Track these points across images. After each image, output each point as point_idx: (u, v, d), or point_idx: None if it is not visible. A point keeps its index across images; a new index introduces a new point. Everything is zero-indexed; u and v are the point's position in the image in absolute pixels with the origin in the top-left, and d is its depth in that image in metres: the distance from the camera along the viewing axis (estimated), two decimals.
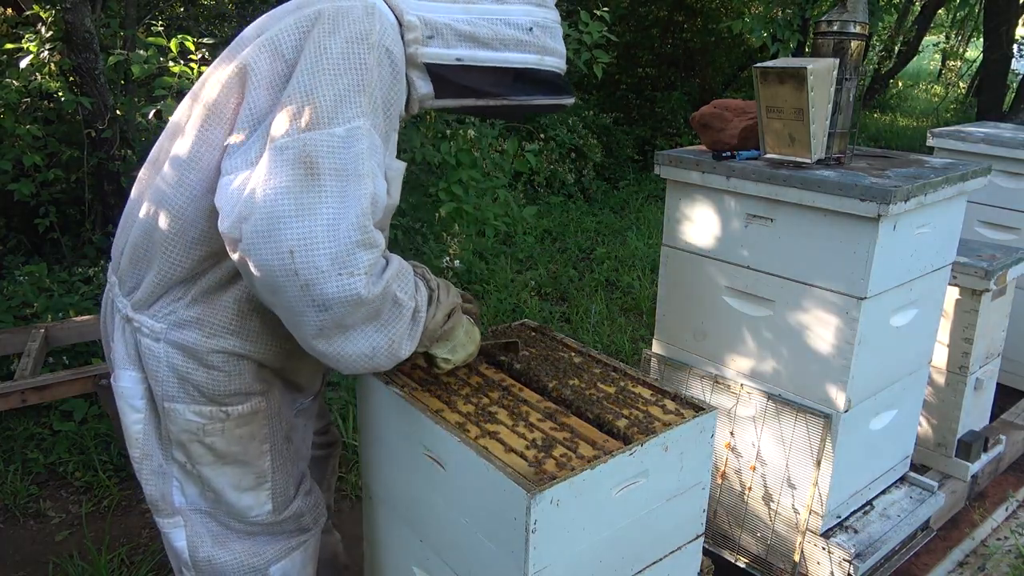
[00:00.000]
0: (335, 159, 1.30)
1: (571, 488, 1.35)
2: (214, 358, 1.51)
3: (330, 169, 1.29)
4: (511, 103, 1.58)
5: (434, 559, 1.63)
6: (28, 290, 3.68)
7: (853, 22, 2.17)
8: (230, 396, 1.54)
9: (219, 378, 1.52)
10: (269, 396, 1.61)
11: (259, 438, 1.60)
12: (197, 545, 1.64)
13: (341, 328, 1.33)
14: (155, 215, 1.49)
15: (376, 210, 1.34)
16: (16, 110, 3.95)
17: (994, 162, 3.14)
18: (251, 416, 1.58)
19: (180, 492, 1.62)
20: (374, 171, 1.35)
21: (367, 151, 1.34)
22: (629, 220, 6.59)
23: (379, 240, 1.33)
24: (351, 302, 1.29)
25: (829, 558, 2.29)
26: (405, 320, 1.41)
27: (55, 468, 3.12)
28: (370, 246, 1.30)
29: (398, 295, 1.38)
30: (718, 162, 2.27)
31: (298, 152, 1.28)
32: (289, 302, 1.30)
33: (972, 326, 2.80)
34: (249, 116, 1.39)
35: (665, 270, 2.51)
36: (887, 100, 13.26)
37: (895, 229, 2.07)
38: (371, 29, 1.39)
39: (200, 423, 1.53)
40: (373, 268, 1.31)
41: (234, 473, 1.60)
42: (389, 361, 1.42)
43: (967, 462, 2.89)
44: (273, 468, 1.64)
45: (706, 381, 2.44)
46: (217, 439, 1.55)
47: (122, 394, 1.58)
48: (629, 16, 8.84)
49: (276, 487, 1.65)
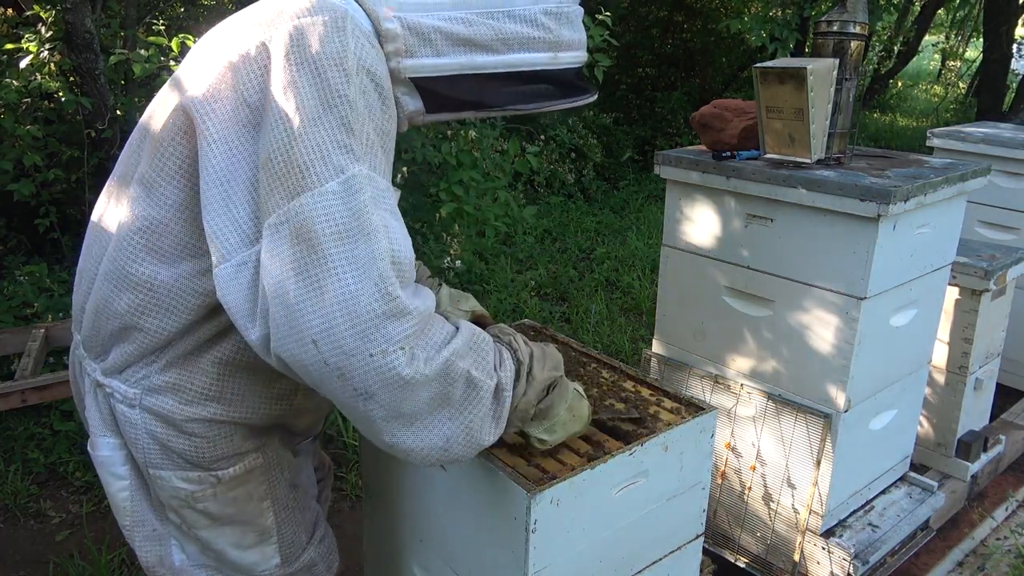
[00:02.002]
0: (333, 222, 1.08)
1: (571, 488, 1.34)
2: (193, 426, 1.34)
3: (331, 235, 1.08)
4: (520, 111, 1.38)
5: (434, 559, 1.63)
6: (28, 290, 3.68)
7: (853, 22, 2.17)
8: (218, 460, 1.38)
9: (201, 445, 1.36)
10: (265, 450, 1.45)
11: (257, 496, 1.45)
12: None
13: (401, 418, 1.13)
14: (119, 280, 1.29)
15: (402, 268, 1.12)
16: (16, 110, 3.95)
17: (994, 162, 3.14)
18: (245, 476, 1.42)
19: (180, 550, 1.48)
20: (387, 222, 1.13)
21: (371, 201, 1.11)
22: (629, 220, 6.59)
23: (413, 306, 1.10)
24: (395, 384, 1.09)
25: (829, 558, 2.29)
26: (485, 403, 1.19)
27: (55, 468, 3.12)
28: (401, 315, 1.08)
29: (472, 373, 1.16)
30: (718, 162, 2.27)
31: (292, 226, 1.08)
32: (337, 397, 1.12)
33: (972, 326, 2.80)
34: (217, 180, 1.16)
35: (665, 270, 2.51)
36: (887, 100, 13.25)
37: (895, 229, 2.07)
38: (344, 50, 1.14)
39: (189, 490, 1.38)
40: (413, 341, 1.10)
41: (233, 533, 1.45)
42: (469, 451, 1.20)
43: (967, 462, 2.89)
44: (278, 522, 1.50)
45: (706, 381, 2.44)
46: (210, 503, 1.40)
47: (103, 463, 1.42)
48: (629, 16, 8.84)
49: (283, 539, 1.51)
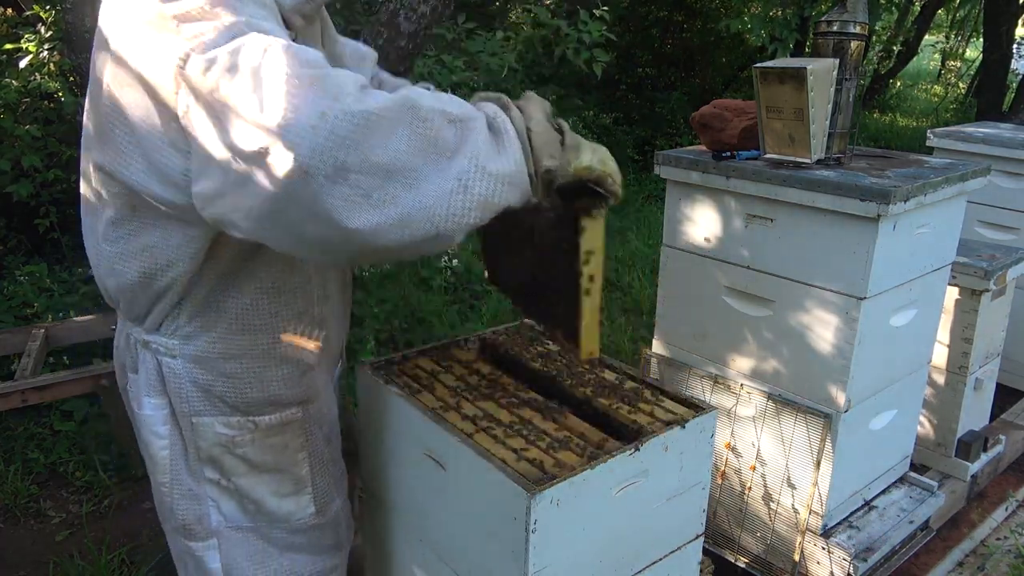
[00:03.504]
0: (229, 40, 1.07)
1: (571, 488, 1.35)
2: (230, 366, 1.43)
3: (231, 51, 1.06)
4: None
5: (434, 559, 1.63)
6: (28, 290, 3.68)
7: (853, 22, 2.17)
8: (257, 406, 1.46)
9: (239, 385, 1.44)
10: (306, 407, 1.53)
11: (293, 447, 1.52)
12: (232, 567, 1.56)
13: (393, 175, 1.04)
14: (96, 257, 1.41)
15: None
16: (16, 110, 3.94)
17: (994, 162, 3.14)
18: (282, 427, 1.50)
19: (217, 511, 1.53)
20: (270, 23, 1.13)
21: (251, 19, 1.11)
22: (629, 220, 6.58)
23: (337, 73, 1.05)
24: (358, 124, 1.01)
25: (829, 558, 2.29)
26: (481, 133, 1.10)
27: (55, 468, 3.12)
28: (321, 65, 1.04)
29: (450, 110, 1.08)
30: (718, 162, 2.27)
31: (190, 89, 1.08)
32: (320, 199, 1.04)
33: (972, 326, 2.80)
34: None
35: (665, 270, 2.51)
36: (887, 100, 13.25)
37: (895, 229, 2.07)
38: None
39: (229, 435, 1.46)
40: (361, 90, 1.04)
41: (272, 480, 1.52)
42: (491, 188, 1.09)
43: (967, 462, 2.89)
44: (312, 474, 1.56)
45: (706, 381, 2.44)
46: (248, 449, 1.48)
47: (145, 422, 1.51)
48: (629, 16, 8.84)
49: (317, 490, 1.58)
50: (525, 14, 6.09)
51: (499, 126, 1.14)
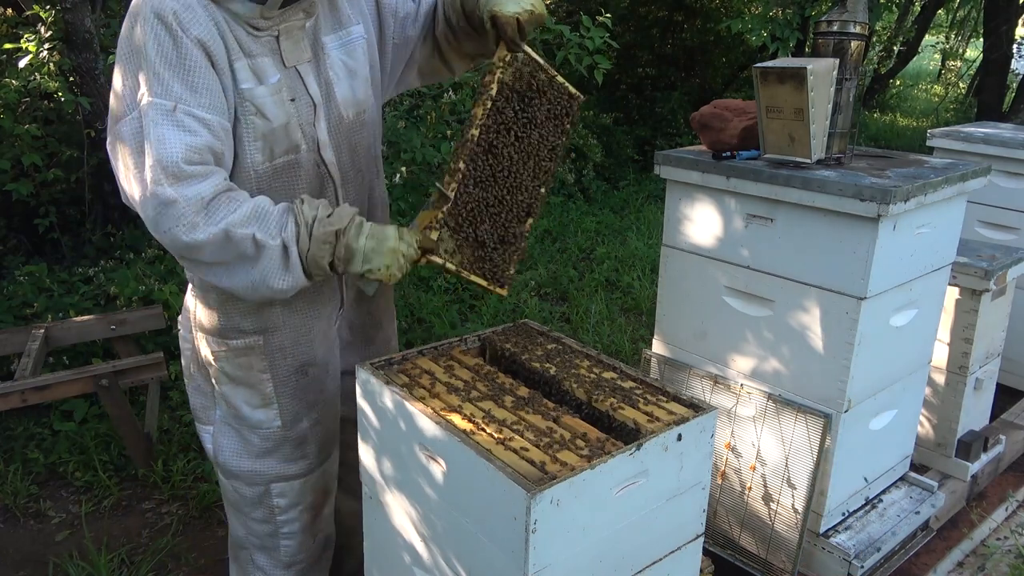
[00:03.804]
0: (131, 140, 1.55)
1: (571, 488, 1.35)
2: (207, 298, 1.84)
3: (129, 152, 1.56)
4: None
5: (434, 559, 1.63)
6: (28, 290, 3.68)
7: (853, 22, 2.17)
8: (226, 331, 1.84)
9: (212, 315, 1.84)
10: (267, 336, 1.86)
11: (257, 368, 1.87)
12: (217, 451, 1.98)
13: (214, 267, 1.61)
14: None
15: (170, 169, 1.51)
16: (16, 110, 3.95)
17: (994, 162, 3.15)
18: (246, 350, 1.85)
19: (218, 408, 1.95)
20: (162, 135, 1.52)
21: (152, 123, 1.52)
22: (629, 220, 6.59)
23: (181, 195, 1.51)
24: (185, 247, 1.55)
25: (829, 558, 2.29)
26: (274, 257, 1.60)
27: (55, 468, 3.12)
28: (169, 204, 1.51)
29: (257, 236, 1.57)
30: (718, 162, 2.27)
31: (115, 141, 1.59)
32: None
33: (972, 326, 2.80)
34: None
35: (665, 270, 2.51)
36: (887, 100, 13.25)
37: (895, 229, 2.07)
38: (139, 11, 1.55)
39: (213, 349, 1.87)
40: (192, 217, 1.52)
41: (244, 393, 1.90)
42: (272, 293, 1.64)
43: (967, 462, 2.89)
44: (277, 393, 1.90)
45: (706, 381, 2.44)
46: (224, 364, 1.87)
47: (180, 331, 2.00)
48: (629, 16, 8.84)
49: (283, 408, 1.91)
50: None
51: (289, 253, 1.61)
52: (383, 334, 2.16)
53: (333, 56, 1.79)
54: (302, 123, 1.73)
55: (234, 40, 1.62)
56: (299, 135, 1.73)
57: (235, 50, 1.62)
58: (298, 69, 1.73)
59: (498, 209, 1.82)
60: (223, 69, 1.60)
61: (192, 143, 1.54)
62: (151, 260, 3.97)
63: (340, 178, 1.85)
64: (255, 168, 1.69)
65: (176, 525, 2.82)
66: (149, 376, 3.06)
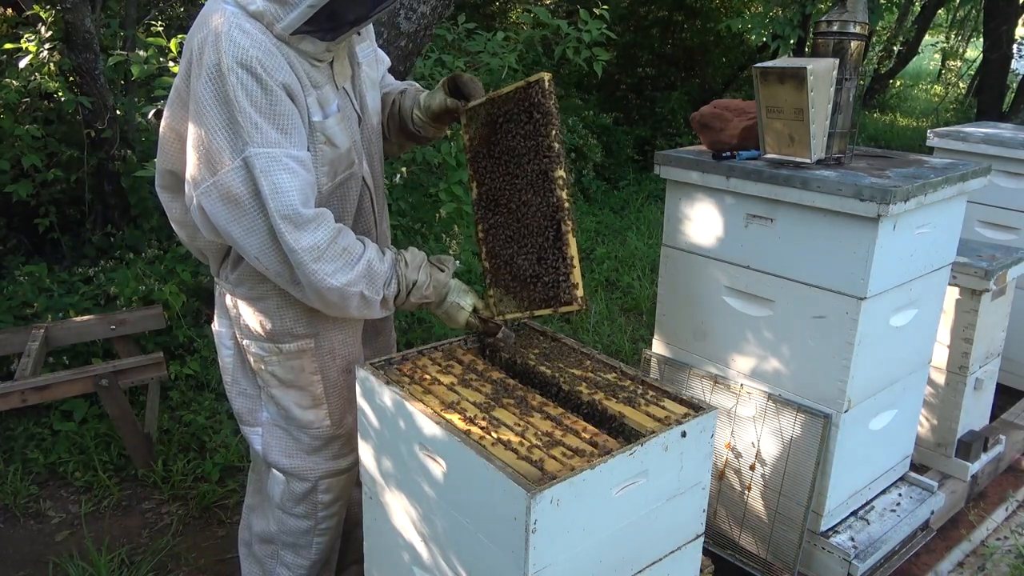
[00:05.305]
0: (245, 188, 1.61)
1: (571, 488, 1.35)
2: (258, 305, 1.89)
3: (246, 195, 1.62)
4: (381, 11, 1.71)
5: (434, 559, 1.63)
6: (28, 290, 3.68)
7: (853, 22, 2.17)
8: (278, 335, 1.90)
9: (265, 322, 1.89)
10: (319, 339, 1.93)
11: (308, 370, 1.93)
12: (268, 452, 2.03)
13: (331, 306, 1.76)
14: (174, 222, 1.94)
15: (292, 218, 1.61)
16: (16, 110, 3.94)
17: (994, 162, 3.14)
18: (299, 353, 1.91)
19: (266, 410, 2.01)
20: (276, 183, 1.60)
21: (262, 172, 1.59)
22: (629, 220, 6.58)
23: (300, 246, 1.63)
24: (316, 289, 1.69)
25: (829, 558, 2.29)
26: (375, 306, 1.79)
27: (55, 468, 3.12)
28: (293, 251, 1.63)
29: (365, 293, 1.74)
30: (718, 162, 2.27)
31: (220, 192, 1.63)
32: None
33: (972, 326, 2.80)
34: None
35: (665, 270, 2.51)
36: (887, 100, 13.24)
37: (895, 229, 2.07)
38: (219, 61, 1.56)
39: (262, 355, 1.92)
40: (316, 262, 1.65)
41: (295, 394, 1.96)
42: (357, 317, 1.87)
43: (967, 462, 2.89)
44: (327, 394, 1.97)
45: (706, 381, 2.44)
46: (275, 368, 1.93)
47: (217, 336, 2.04)
48: (629, 16, 8.83)
49: (332, 407, 1.98)
50: (525, 14, 6.09)
51: (389, 307, 1.82)
52: (387, 326, 2.25)
53: (364, 68, 1.90)
54: (354, 141, 1.82)
55: (305, 76, 1.69)
56: (355, 154, 1.83)
57: (307, 86, 1.69)
58: (344, 86, 1.82)
59: (520, 236, 1.84)
60: (301, 106, 1.68)
61: (302, 186, 1.63)
62: (151, 260, 3.96)
63: (374, 186, 1.96)
64: (320, 190, 1.76)
65: (176, 525, 2.82)
66: (149, 376, 3.06)
